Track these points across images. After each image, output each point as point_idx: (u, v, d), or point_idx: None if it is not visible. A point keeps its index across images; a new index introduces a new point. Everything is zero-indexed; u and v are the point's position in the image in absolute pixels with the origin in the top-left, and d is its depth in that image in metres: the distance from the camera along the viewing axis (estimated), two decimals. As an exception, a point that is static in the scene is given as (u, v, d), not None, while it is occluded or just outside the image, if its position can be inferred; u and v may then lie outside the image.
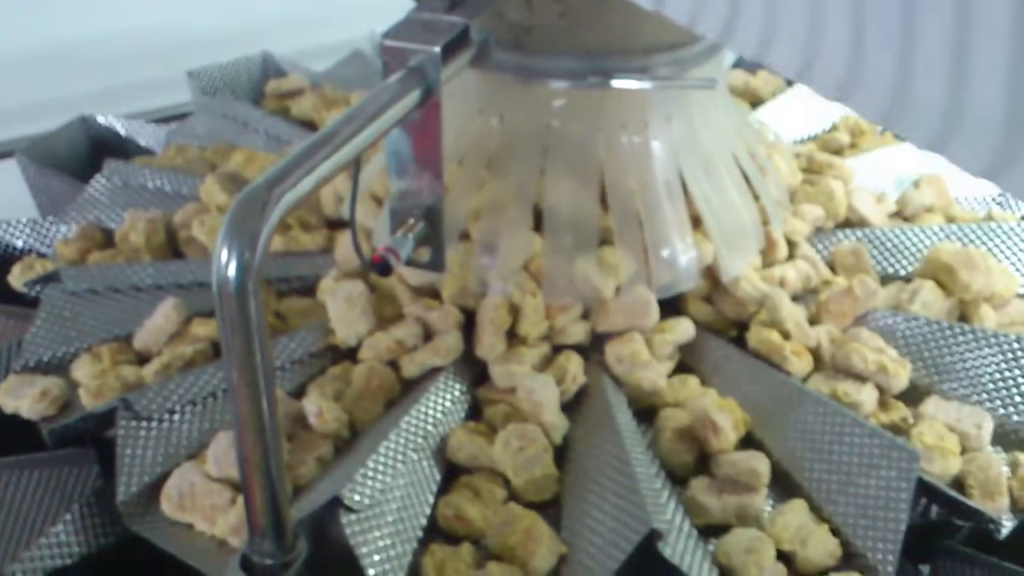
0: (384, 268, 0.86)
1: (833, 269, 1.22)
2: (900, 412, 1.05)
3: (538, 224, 1.11)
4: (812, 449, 0.98)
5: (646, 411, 1.06)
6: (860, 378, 1.05)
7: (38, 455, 1.04)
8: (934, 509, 1.01)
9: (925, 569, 0.99)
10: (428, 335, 1.09)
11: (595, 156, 1.08)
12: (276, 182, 0.70)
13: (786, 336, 1.08)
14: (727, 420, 0.99)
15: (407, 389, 1.07)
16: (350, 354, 1.10)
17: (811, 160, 1.37)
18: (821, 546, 0.91)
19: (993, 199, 1.41)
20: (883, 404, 1.05)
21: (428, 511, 0.95)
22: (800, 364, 1.07)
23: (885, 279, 1.21)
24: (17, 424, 1.08)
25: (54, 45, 1.87)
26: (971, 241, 1.25)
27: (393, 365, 1.08)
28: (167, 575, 0.94)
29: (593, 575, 0.86)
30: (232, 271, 0.67)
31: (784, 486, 0.99)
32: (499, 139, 1.11)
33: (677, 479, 0.99)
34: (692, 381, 1.08)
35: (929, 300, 1.15)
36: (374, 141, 0.79)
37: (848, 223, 1.30)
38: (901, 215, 1.35)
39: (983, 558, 0.94)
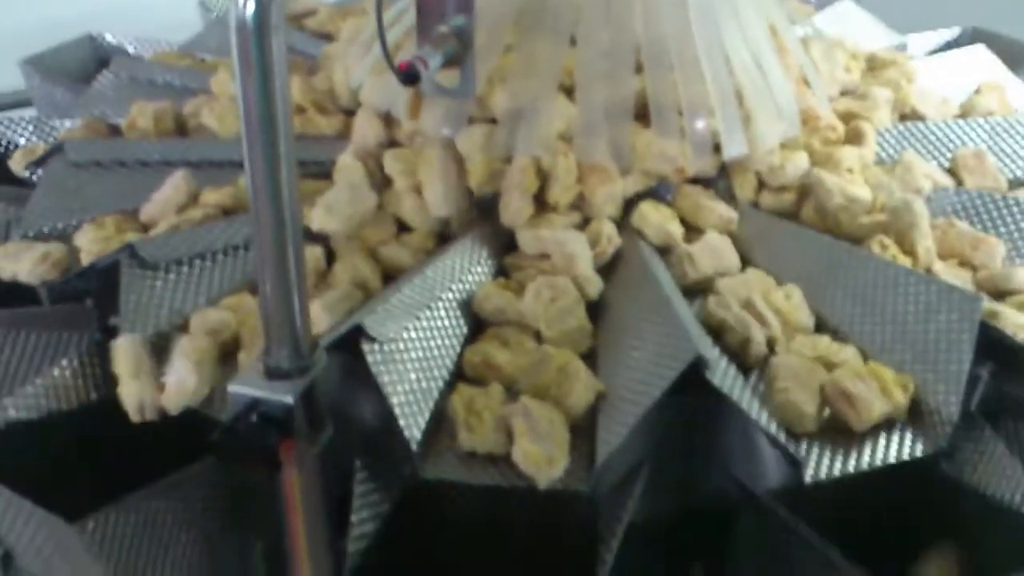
0: (412, 76, 0.81)
1: (954, 173, 1.16)
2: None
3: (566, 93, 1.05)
4: (864, 304, 0.91)
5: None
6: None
7: (36, 310, 0.98)
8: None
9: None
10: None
11: (630, 15, 1.03)
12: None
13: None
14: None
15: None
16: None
17: (873, 59, 1.31)
18: (882, 386, 0.84)
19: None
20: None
21: (455, 356, 0.88)
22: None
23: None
24: (17, 296, 1.03)
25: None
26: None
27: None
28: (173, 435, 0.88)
29: (635, 407, 0.79)
30: (251, 5, 0.61)
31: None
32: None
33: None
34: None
35: None
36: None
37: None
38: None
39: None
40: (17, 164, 1.21)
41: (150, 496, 0.77)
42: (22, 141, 1.30)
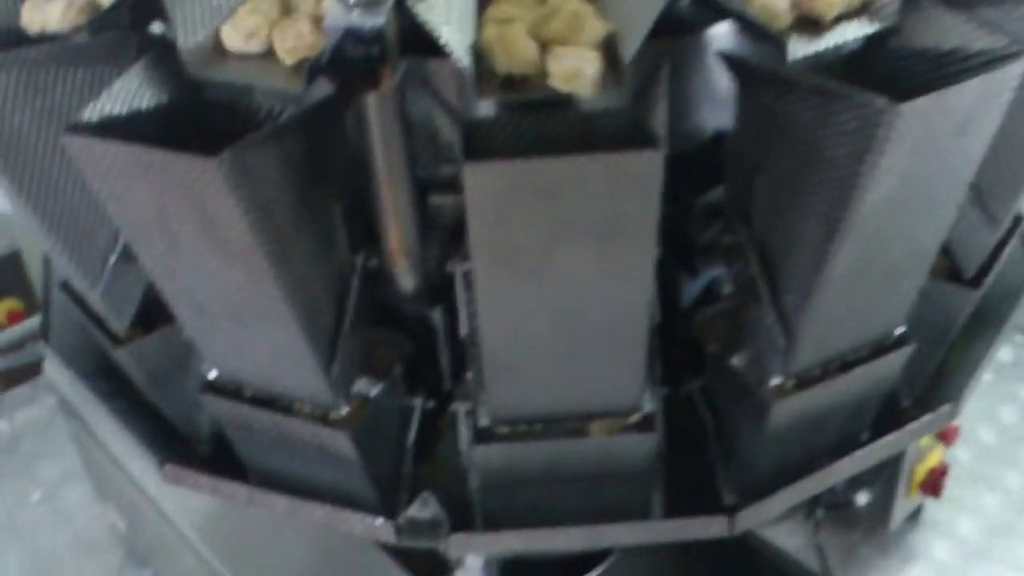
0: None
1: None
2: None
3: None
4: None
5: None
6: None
7: (78, 43, 1.05)
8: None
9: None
10: None
11: None
12: None
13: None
14: None
15: None
16: None
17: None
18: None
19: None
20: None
21: (476, 15, 0.99)
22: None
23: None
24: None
25: None
26: None
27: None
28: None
29: (639, 32, 0.92)
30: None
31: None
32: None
33: None
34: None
35: None
36: None
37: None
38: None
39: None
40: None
41: (257, 141, 0.88)
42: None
